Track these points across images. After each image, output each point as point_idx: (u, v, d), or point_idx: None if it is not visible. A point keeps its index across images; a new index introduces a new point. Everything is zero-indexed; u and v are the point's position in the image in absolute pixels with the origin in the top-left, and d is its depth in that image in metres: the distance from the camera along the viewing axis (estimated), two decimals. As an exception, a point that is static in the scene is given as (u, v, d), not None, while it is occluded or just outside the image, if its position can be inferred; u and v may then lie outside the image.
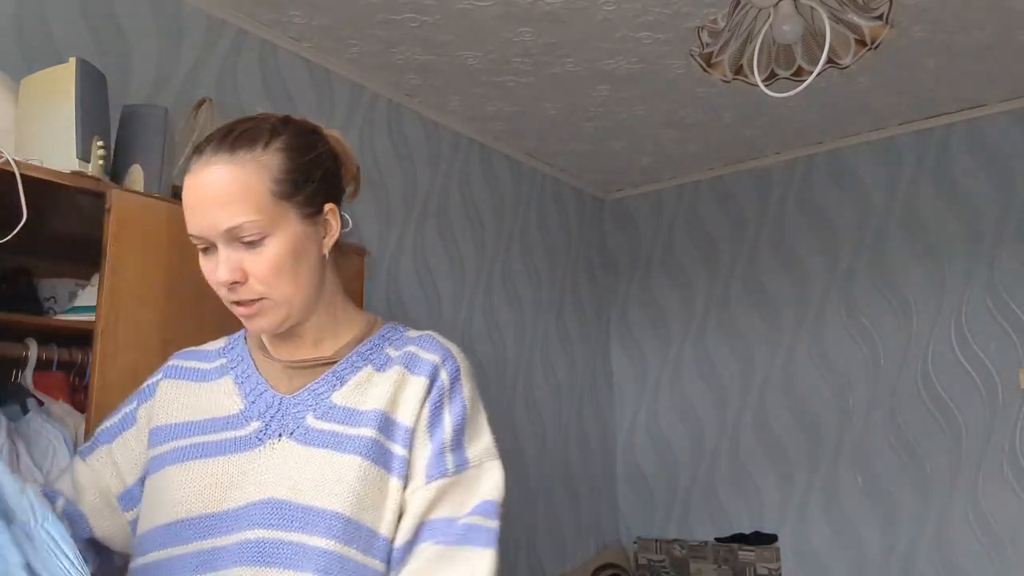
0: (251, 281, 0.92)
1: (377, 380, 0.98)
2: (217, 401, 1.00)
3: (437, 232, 3.20)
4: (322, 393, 0.98)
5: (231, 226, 0.90)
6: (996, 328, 3.17)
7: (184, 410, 1.00)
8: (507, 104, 3.18)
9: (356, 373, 0.99)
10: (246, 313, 0.95)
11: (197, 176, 0.92)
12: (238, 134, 0.93)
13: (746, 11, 1.90)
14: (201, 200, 0.91)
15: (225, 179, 0.90)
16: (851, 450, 3.44)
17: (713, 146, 3.70)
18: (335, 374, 0.99)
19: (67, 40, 2.02)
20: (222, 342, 1.09)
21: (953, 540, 3.16)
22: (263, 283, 0.92)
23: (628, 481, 4.10)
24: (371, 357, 1.01)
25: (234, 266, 0.91)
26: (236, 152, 0.91)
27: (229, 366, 1.04)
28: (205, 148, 0.93)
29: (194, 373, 1.04)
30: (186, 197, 0.93)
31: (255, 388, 1.00)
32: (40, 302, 1.68)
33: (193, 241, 0.94)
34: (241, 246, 0.91)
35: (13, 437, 1.40)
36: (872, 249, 3.51)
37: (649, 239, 4.22)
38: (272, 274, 0.92)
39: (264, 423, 0.96)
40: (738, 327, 3.84)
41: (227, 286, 0.92)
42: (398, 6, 2.44)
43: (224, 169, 0.90)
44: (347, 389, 0.98)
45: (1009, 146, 3.24)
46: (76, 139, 1.46)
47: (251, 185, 0.90)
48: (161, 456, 0.98)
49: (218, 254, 0.92)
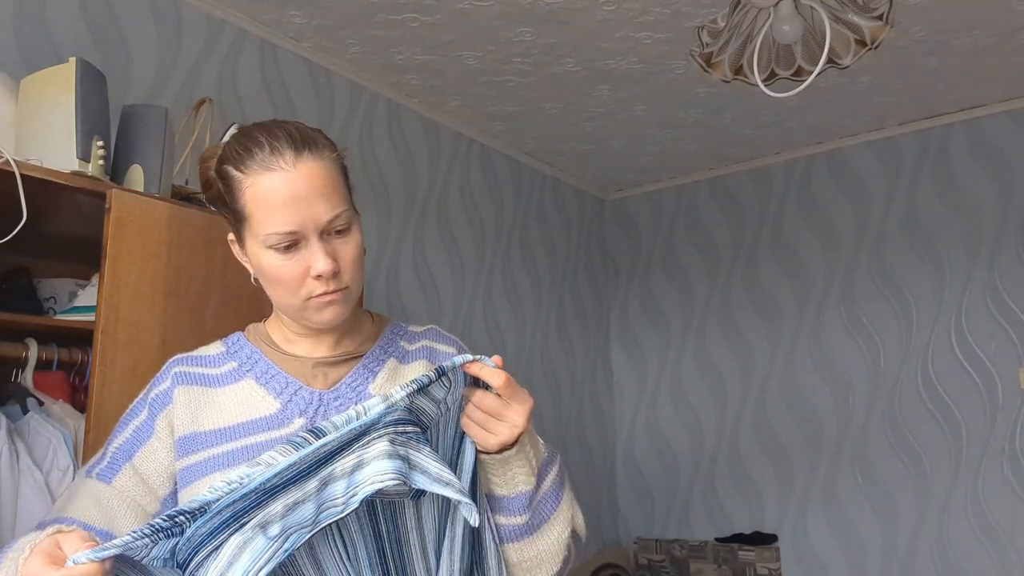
0: (342, 270, 0.95)
1: (404, 372, 1.04)
2: (246, 403, 0.98)
3: (437, 232, 3.20)
4: (359, 386, 1.01)
5: (334, 215, 0.94)
6: (996, 328, 3.17)
7: (211, 417, 0.97)
8: (507, 104, 3.18)
9: (383, 366, 1.04)
10: (331, 300, 0.96)
11: (289, 173, 0.93)
12: (303, 134, 0.97)
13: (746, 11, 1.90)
14: (300, 194, 0.92)
15: (322, 173, 0.95)
16: (851, 450, 3.44)
17: (713, 146, 3.70)
18: (365, 367, 1.03)
19: (67, 40, 2.02)
20: (220, 346, 1.06)
21: (953, 540, 3.16)
22: (350, 271, 0.96)
23: (628, 481, 4.10)
24: (391, 350, 1.06)
25: (331, 255, 0.94)
26: (316, 150, 0.96)
27: (244, 368, 1.02)
28: (280, 146, 0.94)
29: (205, 379, 1.01)
30: (276, 194, 0.92)
31: (286, 387, 0.99)
32: (40, 302, 1.68)
33: (275, 240, 0.93)
34: (333, 236, 0.95)
35: (13, 437, 1.40)
36: (872, 249, 3.51)
37: (649, 239, 4.22)
38: (356, 262, 0.97)
39: (308, 419, 0.97)
40: (738, 327, 3.84)
41: (327, 276, 0.94)
42: (398, 6, 2.45)
43: (317, 164, 0.95)
44: (380, 381, 1.02)
45: (1009, 146, 3.24)
46: (76, 139, 1.46)
47: (337, 178, 0.97)
48: (197, 466, 0.94)
49: (307, 250, 0.93)
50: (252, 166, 0.93)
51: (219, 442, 0.96)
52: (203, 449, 0.95)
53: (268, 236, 0.93)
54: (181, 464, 0.96)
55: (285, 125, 0.97)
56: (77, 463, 1.46)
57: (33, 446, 1.44)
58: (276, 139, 0.94)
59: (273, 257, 0.94)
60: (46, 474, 1.43)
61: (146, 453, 0.97)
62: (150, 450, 0.97)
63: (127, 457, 0.97)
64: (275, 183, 0.92)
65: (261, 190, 0.93)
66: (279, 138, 0.94)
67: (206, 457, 0.95)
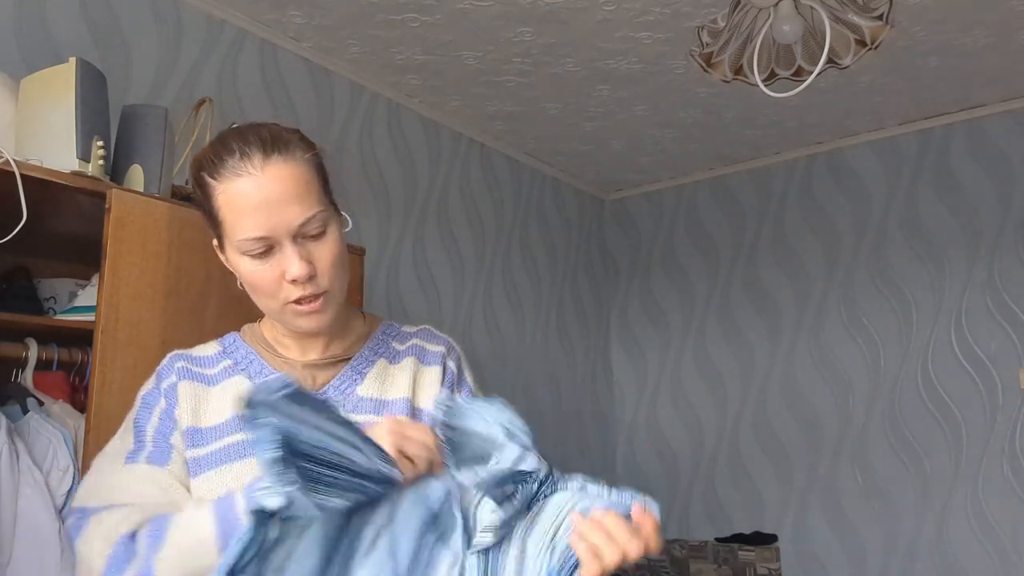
0: (318, 274, 0.94)
1: (393, 372, 1.05)
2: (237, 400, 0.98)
3: (437, 232, 3.20)
4: (346, 388, 1.03)
5: (306, 218, 0.92)
6: (996, 328, 3.17)
7: (207, 414, 0.99)
8: (507, 104, 3.18)
9: (371, 367, 1.05)
10: (311, 309, 0.96)
11: (257, 177, 0.91)
12: (275, 136, 0.95)
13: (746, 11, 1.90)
14: (269, 198, 0.91)
15: (293, 175, 0.93)
16: (851, 450, 3.44)
17: (713, 146, 3.70)
18: (353, 369, 1.04)
19: (67, 40, 2.02)
20: (216, 346, 1.07)
21: (953, 540, 3.16)
22: (327, 275, 0.95)
23: (628, 481, 4.10)
24: (380, 351, 1.07)
25: (306, 259, 0.93)
26: (286, 152, 0.94)
27: (238, 367, 1.03)
28: (249, 151, 0.92)
29: (201, 376, 1.03)
30: (246, 200, 0.91)
31: None
32: (40, 302, 1.68)
33: (248, 246, 0.92)
34: (307, 240, 0.94)
35: (13, 437, 1.40)
36: (872, 249, 3.51)
37: (649, 239, 4.22)
38: (335, 264, 0.96)
39: None
40: (738, 327, 3.84)
41: (302, 280, 0.93)
42: (398, 6, 2.45)
43: (287, 167, 0.93)
44: (368, 382, 1.03)
45: (1009, 146, 3.24)
46: (76, 139, 1.46)
47: (310, 179, 0.95)
48: (201, 459, 0.96)
49: (281, 254, 0.93)
50: (224, 172, 0.93)
51: (217, 437, 0.98)
52: (204, 444, 0.97)
53: (241, 242, 0.93)
54: (188, 455, 0.97)
55: (259, 128, 0.96)
56: (77, 463, 1.46)
57: (33, 446, 1.44)
58: (247, 143, 0.93)
59: (248, 263, 0.94)
60: (46, 474, 1.43)
61: (176, 438, 0.98)
62: (178, 436, 0.98)
63: (166, 441, 0.98)
64: (244, 188, 0.92)
65: (232, 196, 0.92)
66: (250, 142, 0.93)
67: (206, 453, 0.97)
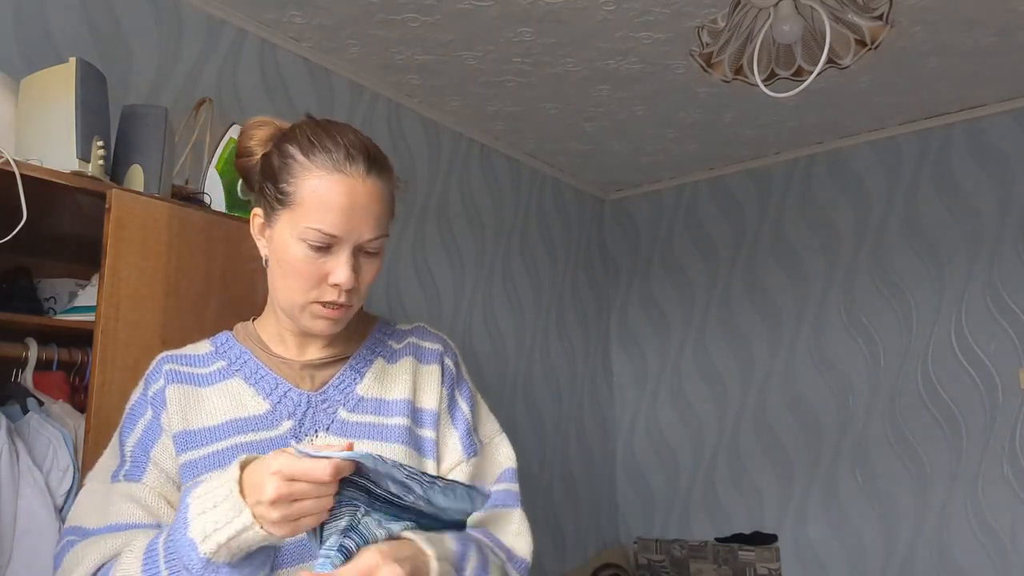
0: (357, 288, 0.97)
1: (392, 371, 1.06)
2: (234, 403, 0.99)
3: (437, 232, 3.20)
4: (346, 388, 1.03)
5: (374, 236, 0.96)
6: (996, 328, 3.17)
7: (200, 416, 0.98)
8: (507, 104, 3.18)
9: (370, 366, 1.06)
10: (332, 315, 0.98)
11: (357, 183, 0.94)
12: (378, 154, 0.99)
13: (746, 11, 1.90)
14: (357, 205, 0.94)
15: (381, 195, 0.97)
16: (851, 450, 3.44)
17: (713, 146, 3.70)
18: (352, 368, 1.05)
19: (67, 40, 2.02)
20: (208, 345, 1.06)
21: (953, 540, 3.16)
22: (361, 292, 0.99)
23: (628, 481, 4.10)
24: (378, 350, 1.08)
25: (355, 270, 0.96)
26: (384, 174, 0.99)
27: (232, 368, 1.02)
28: (356, 155, 0.95)
29: (193, 378, 1.02)
30: (338, 197, 0.93)
31: (276, 388, 1.00)
32: (40, 302, 1.68)
33: (314, 236, 0.93)
34: (362, 254, 0.97)
35: (13, 437, 1.40)
36: (872, 249, 3.51)
37: (649, 239, 4.22)
38: (369, 285, 1.00)
39: (296, 421, 0.98)
40: (738, 327, 3.84)
41: (344, 288, 0.95)
42: (398, 6, 2.44)
43: (381, 186, 0.97)
44: (367, 381, 1.04)
45: (1009, 146, 3.24)
46: (76, 139, 1.46)
47: (389, 205, 1.00)
48: (194, 462, 0.95)
49: (335, 257, 0.95)
50: (323, 160, 0.94)
51: (211, 440, 0.97)
52: (197, 447, 0.96)
53: (309, 230, 0.93)
54: (181, 460, 0.97)
55: (360, 135, 0.99)
56: (77, 463, 1.46)
57: (33, 446, 1.44)
58: (354, 147, 0.96)
59: (304, 250, 0.95)
60: (46, 474, 1.42)
61: (160, 449, 0.97)
62: (163, 446, 0.97)
63: (145, 454, 0.97)
64: (341, 186, 0.94)
65: (324, 186, 0.93)
66: (356, 147, 0.96)
67: (200, 456, 0.96)
